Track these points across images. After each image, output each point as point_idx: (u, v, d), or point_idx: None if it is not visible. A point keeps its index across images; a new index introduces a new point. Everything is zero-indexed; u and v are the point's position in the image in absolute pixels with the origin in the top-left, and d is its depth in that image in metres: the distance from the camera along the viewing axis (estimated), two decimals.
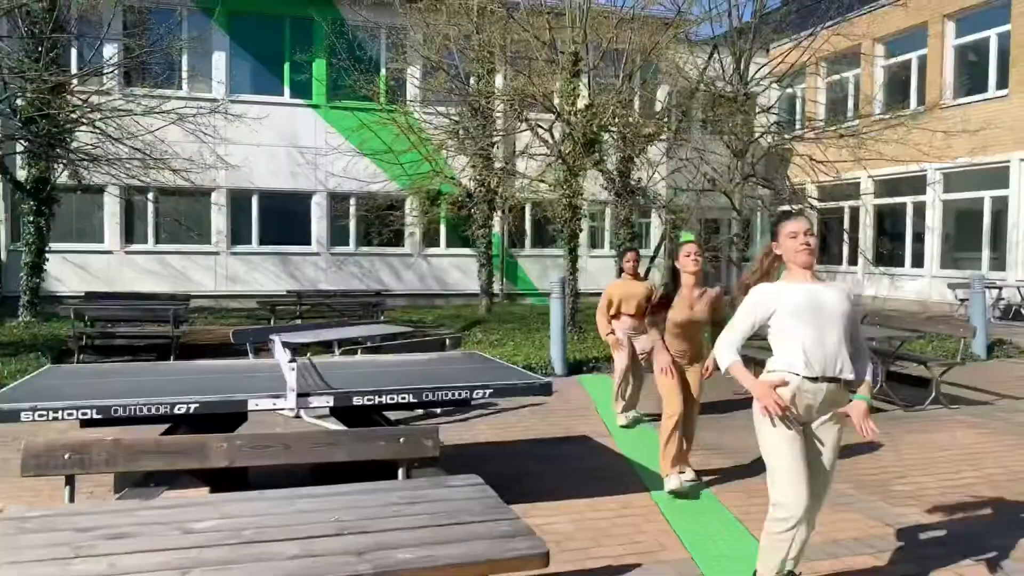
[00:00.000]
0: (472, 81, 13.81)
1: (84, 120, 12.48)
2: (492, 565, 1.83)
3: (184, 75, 16.69)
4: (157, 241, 16.94)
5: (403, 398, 4.04)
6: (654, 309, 5.11)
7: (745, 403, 7.31)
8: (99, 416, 3.68)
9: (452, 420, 6.82)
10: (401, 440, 2.89)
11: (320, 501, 2.24)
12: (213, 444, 2.71)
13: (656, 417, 6.06)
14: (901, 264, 18.48)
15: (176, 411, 3.77)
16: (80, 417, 3.66)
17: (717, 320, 5.04)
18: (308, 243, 17.80)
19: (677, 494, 4.84)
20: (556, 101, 10.97)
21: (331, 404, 3.98)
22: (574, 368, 9.38)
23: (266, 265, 17.48)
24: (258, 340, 7.10)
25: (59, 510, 2.20)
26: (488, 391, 4.22)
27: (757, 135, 11.61)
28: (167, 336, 9.87)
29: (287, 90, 17.57)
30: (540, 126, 11.27)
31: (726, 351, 3.33)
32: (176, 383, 4.42)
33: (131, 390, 4.12)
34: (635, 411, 6.94)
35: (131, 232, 16.88)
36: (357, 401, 3.97)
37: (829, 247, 20.61)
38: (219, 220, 17.21)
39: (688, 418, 5.08)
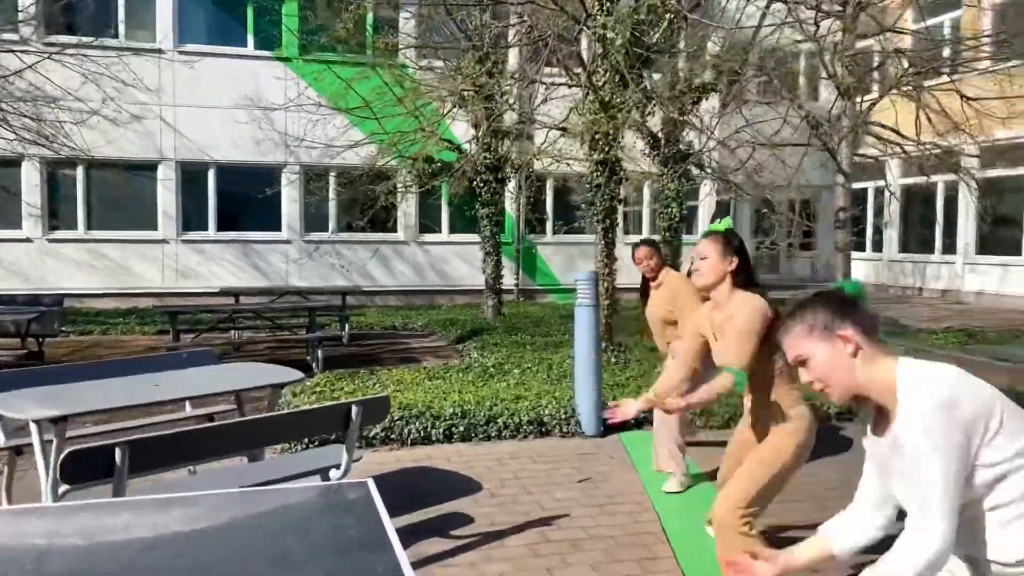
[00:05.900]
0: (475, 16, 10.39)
1: None
2: None
3: (121, 20, 13.45)
4: (89, 227, 13.67)
5: None
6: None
7: None
8: None
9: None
10: None
11: None
12: None
13: None
14: (1016, 252, 14.75)
15: None
16: None
17: None
18: (277, 228, 14.47)
19: None
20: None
21: None
22: None
23: (225, 255, 14.17)
24: None
25: None
26: None
27: (877, 63, 7.93)
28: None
29: (251, 40, 14.24)
30: (562, 39, 7.67)
31: None
32: None
33: None
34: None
35: (56, 215, 13.64)
36: None
37: (917, 232, 16.94)
38: (167, 200, 13.92)
39: None
